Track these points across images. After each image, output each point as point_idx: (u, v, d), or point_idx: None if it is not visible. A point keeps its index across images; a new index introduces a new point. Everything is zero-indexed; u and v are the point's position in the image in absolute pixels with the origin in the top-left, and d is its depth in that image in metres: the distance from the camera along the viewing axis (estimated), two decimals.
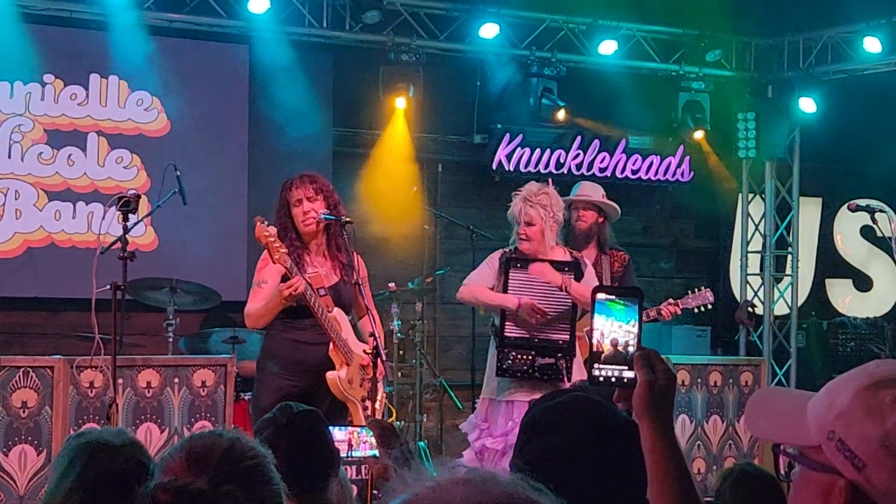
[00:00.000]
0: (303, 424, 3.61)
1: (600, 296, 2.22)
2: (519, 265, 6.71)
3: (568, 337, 6.72)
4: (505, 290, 6.70)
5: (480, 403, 6.90)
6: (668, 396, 2.16)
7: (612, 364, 2.19)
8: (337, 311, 6.16)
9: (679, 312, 7.66)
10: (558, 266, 6.74)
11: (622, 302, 2.22)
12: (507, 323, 6.73)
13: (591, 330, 2.21)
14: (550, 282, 6.66)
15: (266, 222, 5.90)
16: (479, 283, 6.80)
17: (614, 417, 2.40)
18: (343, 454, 5.12)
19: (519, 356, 6.66)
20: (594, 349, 2.20)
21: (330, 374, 6.12)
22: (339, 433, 5.53)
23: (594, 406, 2.49)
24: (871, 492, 1.72)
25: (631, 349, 2.19)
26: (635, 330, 2.21)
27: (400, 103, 10.03)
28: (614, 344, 2.20)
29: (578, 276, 6.74)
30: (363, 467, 5.81)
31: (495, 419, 6.69)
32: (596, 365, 2.20)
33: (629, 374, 2.18)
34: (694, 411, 8.08)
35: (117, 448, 3.00)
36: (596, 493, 2.33)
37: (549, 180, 7.09)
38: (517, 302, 6.65)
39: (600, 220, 7.74)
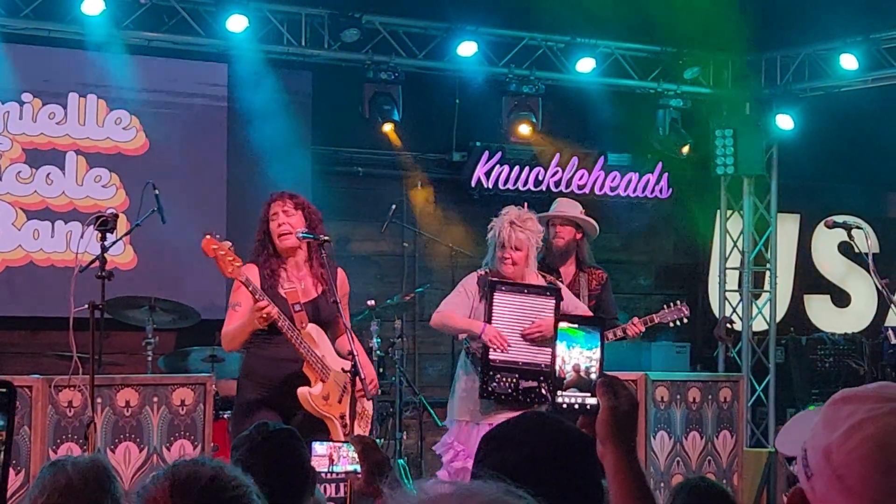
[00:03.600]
0: (278, 442, 3.61)
1: (562, 324, 2.24)
2: (504, 288, 6.73)
3: (550, 361, 6.72)
4: (489, 313, 6.73)
5: (456, 425, 6.90)
6: (632, 421, 2.18)
7: (575, 391, 2.21)
8: (311, 327, 6.08)
9: (643, 330, 7.65)
10: (540, 290, 6.77)
11: (584, 329, 2.23)
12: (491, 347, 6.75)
13: (553, 357, 2.23)
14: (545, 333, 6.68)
15: (219, 236, 5.90)
16: (451, 311, 6.85)
17: (570, 432, 2.42)
18: (324, 469, 5.11)
19: (504, 379, 6.70)
20: (557, 376, 2.22)
21: (301, 390, 6.03)
22: (319, 448, 5.51)
23: (550, 422, 2.51)
24: (813, 501, 1.74)
25: (593, 376, 2.21)
26: (597, 356, 2.23)
27: (387, 127, 10.04)
28: (577, 371, 2.21)
29: (559, 301, 6.78)
30: (342, 485, 5.79)
31: (473, 441, 6.64)
32: (559, 392, 2.21)
33: (592, 401, 2.20)
34: (673, 428, 8.08)
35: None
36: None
37: (525, 204, 7.13)
38: (482, 327, 6.69)
39: (578, 236, 7.77)
